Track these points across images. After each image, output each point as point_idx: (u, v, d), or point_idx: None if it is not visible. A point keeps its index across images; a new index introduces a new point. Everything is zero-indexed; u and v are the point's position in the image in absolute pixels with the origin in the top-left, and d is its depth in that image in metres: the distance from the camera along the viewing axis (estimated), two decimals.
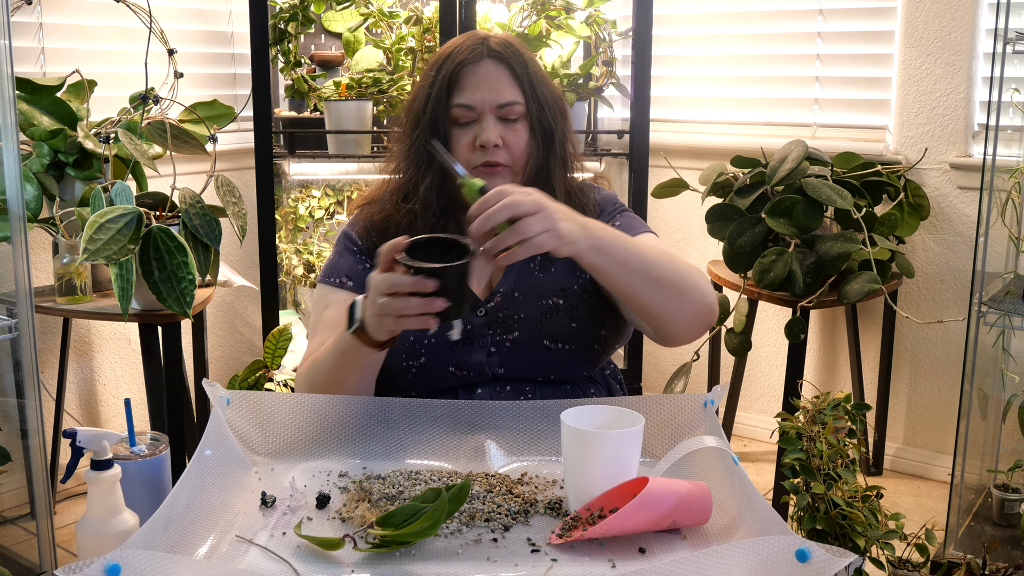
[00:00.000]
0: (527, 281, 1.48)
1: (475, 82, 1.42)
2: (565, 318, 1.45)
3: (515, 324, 1.45)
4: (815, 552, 0.85)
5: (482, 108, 1.42)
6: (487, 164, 1.43)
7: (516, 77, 1.44)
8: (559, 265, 1.49)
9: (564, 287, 1.48)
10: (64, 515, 2.64)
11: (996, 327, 2.28)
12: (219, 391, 1.26)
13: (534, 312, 1.46)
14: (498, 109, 1.43)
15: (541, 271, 1.49)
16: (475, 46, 1.44)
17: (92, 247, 2.04)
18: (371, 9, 2.88)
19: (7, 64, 1.75)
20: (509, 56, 1.44)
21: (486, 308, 1.46)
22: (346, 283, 1.50)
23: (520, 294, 1.47)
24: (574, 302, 1.47)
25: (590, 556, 1.03)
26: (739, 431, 3.28)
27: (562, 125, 1.48)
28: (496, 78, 1.43)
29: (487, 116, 1.42)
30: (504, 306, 1.46)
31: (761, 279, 2.56)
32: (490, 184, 1.38)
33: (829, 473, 1.69)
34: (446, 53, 1.46)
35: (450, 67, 1.43)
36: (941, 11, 2.78)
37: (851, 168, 2.74)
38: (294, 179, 3.07)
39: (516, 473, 1.24)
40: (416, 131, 1.46)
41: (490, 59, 1.43)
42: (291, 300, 3.13)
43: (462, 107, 1.43)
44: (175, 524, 1.02)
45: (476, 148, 1.43)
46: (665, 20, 3.25)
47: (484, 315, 1.45)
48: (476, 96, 1.42)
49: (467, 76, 1.43)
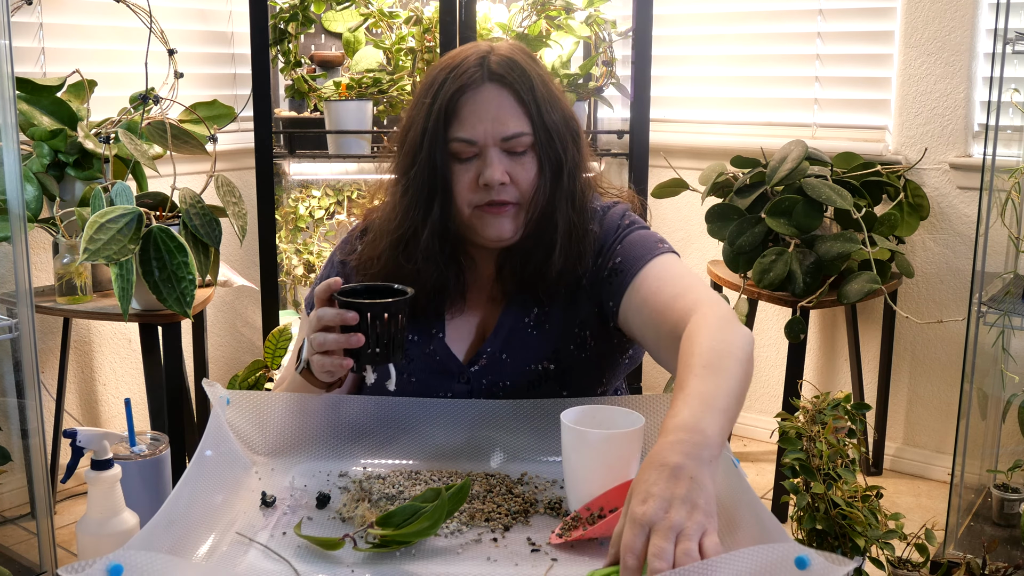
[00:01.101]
0: (518, 341, 1.34)
1: (475, 112, 1.25)
2: (555, 386, 1.33)
3: (499, 392, 1.33)
4: (814, 560, 0.85)
5: (485, 142, 1.25)
6: (492, 204, 1.27)
7: (522, 103, 1.26)
8: (555, 322, 1.34)
9: (558, 348, 1.34)
10: (64, 515, 2.64)
11: (996, 327, 2.28)
12: (219, 391, 1.26)
13: (520, 379, 1.33)
14: (503, 142, 1.26)
15: (536, 329, 1.34)
16: (475, 67, 1.26)
17: (92, 247, 2.04)
18: (371, 9, 2.88)
19: (7, 64, 1.75)
20: (513, 79, 1.26)
21: (469, 374, 1.34)
22: None
23: (508, 356, 1.34)
24: (567, 367, 1.34)
25: (590, 556, 1.03)
26: (739, 431, 3.28)
27: (572, 153, 1.31)
28: (499, 106, 1.25)
29: (490, 150, 1.25)
30: (489, 371, 1.34)
31: (761, 279, 2.56)
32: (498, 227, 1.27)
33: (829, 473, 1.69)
34: (441, 78, 1.27)
35: (447, 95, 1.25)
36: (941, 11, 2.78)
37: (851, 168, 2.74)
38: (294, 179, 3.07)
39: (516, 473, 1.24)
40: (412, 169, 1.29)
41: (491, 83, 1.26)
42: (291, 300, 3.13)
43: (462, 142, 1.26)
44: (176, 524, 1.02)
45: (479, 187, 1.26)
46: (665, 20, 3.25)
47: (466, 383, 1.34)
48: (478, 129, 1.25)
49: (466, 105, 1.25)
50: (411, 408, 1.31)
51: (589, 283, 1.35)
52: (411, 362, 1.37)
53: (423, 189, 1.28)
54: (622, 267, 1.31)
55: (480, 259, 1.38)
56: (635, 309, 1.28)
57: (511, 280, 1.34)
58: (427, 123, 1.27)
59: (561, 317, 1.35)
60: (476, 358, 1.35)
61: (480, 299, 1.39)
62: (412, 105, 1.32)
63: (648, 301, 1.26)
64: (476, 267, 1.38)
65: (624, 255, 1.32)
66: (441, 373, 1.36)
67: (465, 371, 1.35)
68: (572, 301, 1.35)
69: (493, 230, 1.29)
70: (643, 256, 1.31)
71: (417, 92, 1.33)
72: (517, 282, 1.34)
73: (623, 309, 1.30)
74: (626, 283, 1.30)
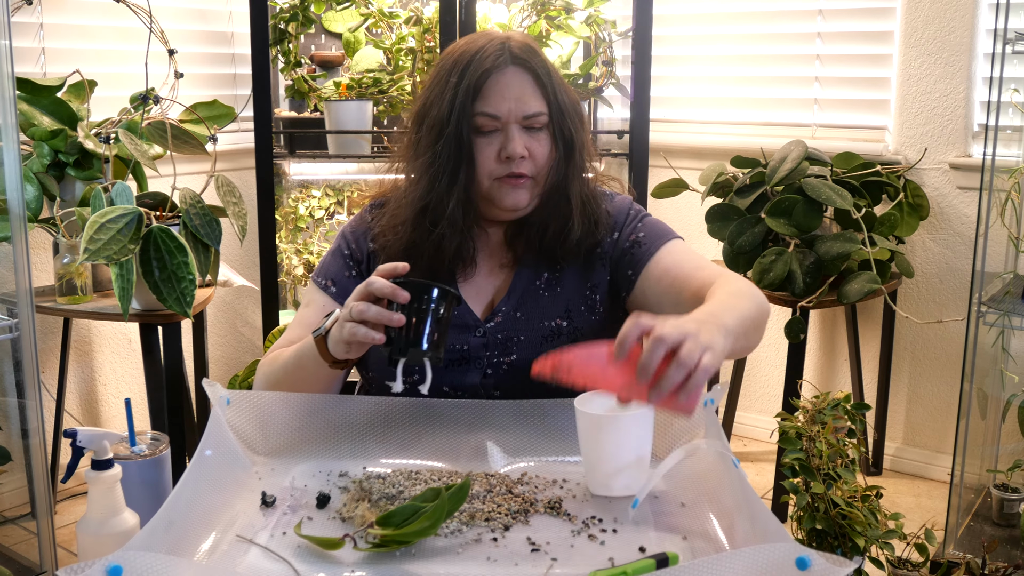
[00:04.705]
0: (531, 301, 1.44)
1: (500, 91, 1.36)
2: (567, 342, 1.41)
3: (513, 347, 1.41)
4: (815, 560, 0.85)
5: (507, 118, 1.37)
6: (512, 175, 1.38)
7: (541, 85, 1.38)
8: (567, 284, 1.46)
9: (570, 308, 1.44)
10: (64, 515, 2.64)
11: (996, 327, 2.28)
12: (219, 391, 1.26)
13: (535, 335, 1.42)
14: (524, 119, 1.37)
15: (547, 291, 1.45)
16: (498, 51, 1.38)
17: (92, 247, 2.04)
18: (371, 9, 2.88)
19: (7, 64, 1.75)
20: (535, 63, 1.39)
21: (485, 328, 1.42)
22: (329, 287, 1.46)
23: (522, 314, 1.43)
24: (579, 324, 1.44)
25: (590, 556, 1.03)
26: (739, 431, 3.28)
27: (580, 132, 1.44)
28: (521, 87, 1.37)
29: (512, 126, 1.37)
30: (504, 327, 1.42)
31: (761, 279, 2.56)
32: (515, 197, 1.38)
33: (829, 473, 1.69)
34: (466, 58, 1.38)
35: (474, 74, 1.36)
36: (941, 11, 2.78)
37: (851, 168, 2.74)
38: (294, 179, 3.07)
39: (516, 473, 1.24)
40: (439, 142, 1.38)
41: (514, 66, 1.37)
42: (291, 300, 3.13)
43: (487, 116, 1.36)
44: (176, 525, 1.02)
45: (502, 159, 1.37)
46: (665, 20, 3.25)
47: (483, 336, 1.42)
48: (502, 106, 1.36)
49: (492, 84, 1.36)
50: (411, 408, 1.31)
51: (608, 252, 1.46)
52: None
53: (450, 160, 1.37)
54: (645, 241, 1.44)
55: (491, 229, 1.48)
56: (656, 277, 1.41)
57: (529, 247, 1.45)
58: (455, 99, 1.36)
59: (572, 280, 1.45)
60: (492, 316, 1.43)
61: (492, 265, 1.48)
62: (430, 86, 1.42)
63: (671, 270, 1.40)
64: (487, 236, 1.48)
65: (646, 232, 1.46)
66: (458, 327, 1.42)
67: (481, 325, 1.42)
68: (585, 266, 1.46)
69: (510, 199, 1.39)
70: (664, 235, 1.46)
71: (435, 74, 1.42)
72: (536, 249, 1.44)
73: (643, 277, 1.43)
74: (649, 253, 1.43)
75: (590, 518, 1.12)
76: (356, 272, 1.47)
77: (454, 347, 1.40)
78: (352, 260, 1.48)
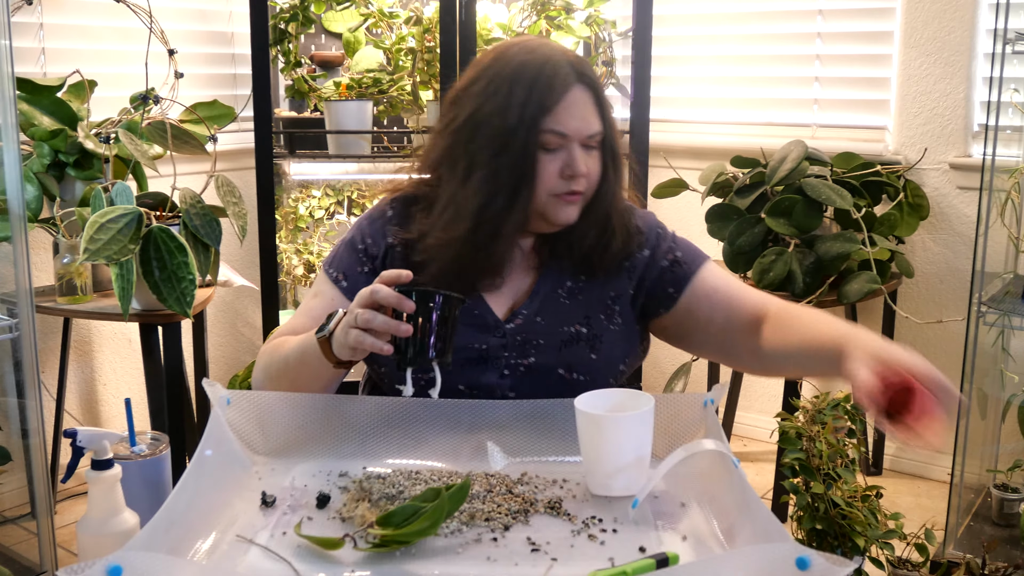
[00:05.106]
0: (552, 306, 1.45)
1: (568, 109, 1.36)
2: (585, 348, 1.42)
3: (532, 349, 1.41)
4: (815, 560, 0.85)
5: (573, 137, 1.36)
6: (570, 192, 1.38)
7: (599, 104, 1.39)
8: (588, 292, 1.46)
9: (589, 315, 1.45)
10: (65, 515, 2.64)
11: (996, 327, 2.28)
12: (219, 391, 1.26)
13: (554, 339, 1.42)
14: (587, 139, 1.38)
15: (569, 298, 1.46)
16: (566, 68, 1.36)
17: (93, 247, 2.04)
18: (371, 9, 2.88)
19: (8, 64, 1.75)
20: (595, 81, 1.39)
21: (505, 329, 1.42)
22: (340, 281, 1.45)
23: (543, 318, 1.44)
24: (598, 332, 1.44)
25: (590, 556, 1.03)
26: (739, 431, 3.28)
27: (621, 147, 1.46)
28: (585, 106, 1.37)
29: (574, 144, 1.37)
30: (524, 329, 1.42)
31: (761, 279, 2.56)
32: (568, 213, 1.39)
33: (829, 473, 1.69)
34: (532, 72, 1.35)
35: (545, 90, 1.35)
36: (941, 11, 2.78)
37: (851, 168, 2.74)
38: (294, 179, 3.07)
39: (516, 473, 1.24)
40: (501, 156, 1.36)
41: (580, 83, 1.37)
42: (291, 300, 3.13)
43: (555, 134, 1.35)
44: (176, 525, 1.02)
45: (564, 177, 1.37)
46: (665, 20, 3.25)
47: (502, 336, 1.42)
48: (570, 124, 1.36)
49: (561, 101, 1.35)
50: (411, 408, 1.31)
51: (639, 267, 1.48)
52: None
53: (511, 176, 1.36)
54: (684, 260, 1.48)
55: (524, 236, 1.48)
56: (705, 295, 1.46)
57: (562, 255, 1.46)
58: (523, 114, 1.34)
59: (594, 288, 1.46)
60: (512, 317, 1.44)
61: (517, 268, 1.48)
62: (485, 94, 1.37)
63: (720, 290, 1.46)
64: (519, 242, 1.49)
65: (683, 251, 1.49)
66: (479, 327, 1.42)
67: (502, 326, 1.42)
68: (611, 277, 1.47)
69: (564, 215, 1.40)
70: (700, 254, 1.50)
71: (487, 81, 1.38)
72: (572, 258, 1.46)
73: (689, 295, 1.46)
74: (691, 272, 1.47)
75: (590, 518, 1.12)
76: (370, 268, 1.45)
77: (473, 346, 1.40)
78: (366, 255, 1.46)
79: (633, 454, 1.17)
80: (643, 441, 1.18)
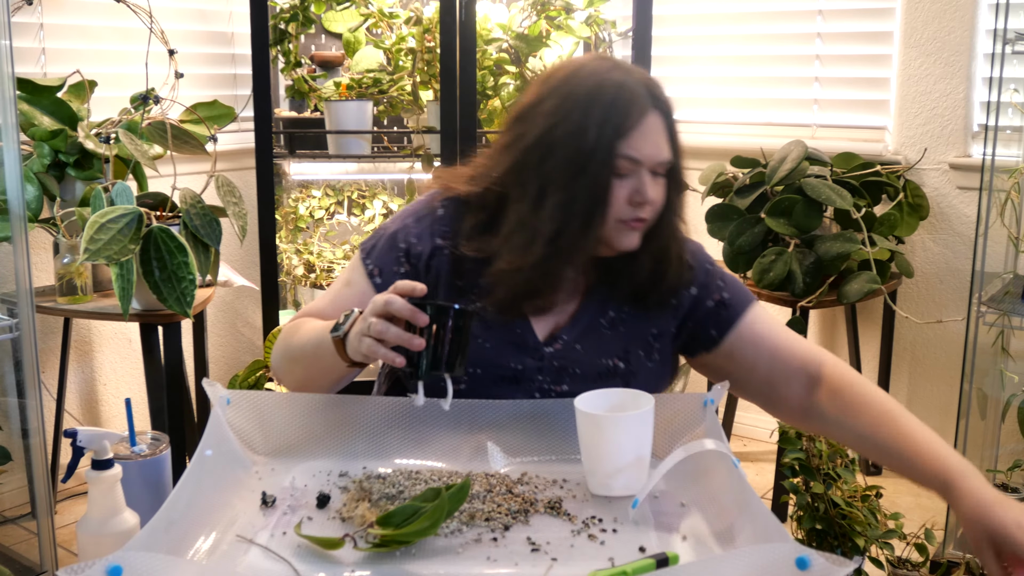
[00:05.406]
0: (593, 334, 1.41)
1: (644, 135, 1.31)
2: (620, 383, 1.38)
3: (567, 377, 1.39)
4: (815, 560, 0.85)
5: (645, 163, 1.32)
6: (635, 219, 1.34)
7: (670, 130, 1.34)
8: (629, 325, 1.42)
9: (629, 350, 1.41)
10: (65, 515, 2.64)
11: (995, 327, 2.28)
12: (219, 391, 1.26)
13: (590, 369, 1.39)
14: (658, 166, 1.33)
15: (610, 328, 1.42)
16: (641, 92, 1.32)
17: (93, 247, 2.04)
18: (371, 9, 2.88)
19: (8, 64, 1.75)
20: (670, 108, 1.35)
21: (543, 352, 1.38)
22: (375, 276, 1.41)
23: (582, 347, 1.40)
24: (635, 368, 1.41)
25: (590, 556, 1.03)
26: (739, 431, 3.28)
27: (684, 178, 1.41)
28: (658, 133, 1.32)
29: (645, 171, 1.32)
30: (562, 355, 1.39)
31: (761, 279, 2.56)
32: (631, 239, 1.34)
33: (829, 473, 1.69)
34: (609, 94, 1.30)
35: (623, 114, 1.30)
36: (941, 11, 2.79)
37: (850, 168, 2.74)
38: (294, 179, 3.07)
39: (516, 473, 1.24)
40: (578, 180, 1.30)
41: (655, 109, 1.32)
42: (291, 300, 3.13)
43: (630, 160, 1.30)
44: (176, 525, 1.02)
45: (633, 203, 1.32)
46: (665, 20, 3.25)
47: (539, 359, 1.38)
48: (644, 150, 1.31)
49: (637, 127, 1.30)
50: (411, 408, 1.31)
51: (684, 305, 1.43)
52: (489, 328, 1.38)
53: (587, 201, 1.31)
54: (731, 302, 1.43)
55: None
56: (750, 342, 1.42)
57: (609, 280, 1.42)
58: (600, 138, 1.29)
59: (636, 322, 1.42)
60: (552, 340, 1.40)
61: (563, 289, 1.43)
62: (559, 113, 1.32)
63: (767, 339, 1.42)
64: None
65: (730, 292, 1.44)
66: (517, 345, 1.39)
67: (541, 349, 1.39)
68: (655, 312, 1.43)
69: (626, 242, 1.35)
70: (746, 296, 1.45)
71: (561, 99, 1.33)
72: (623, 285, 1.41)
73: (733, 339, 1.42)
74: (736, 315, 1.42)
75: (590, 518, 1.12)
76: (407, 268, 1.41)
77: (508, 364, 1.37)
78: (406, 256, 1.41)
79: (633, 454, 1.17)
80: (643, 441, 1.18)
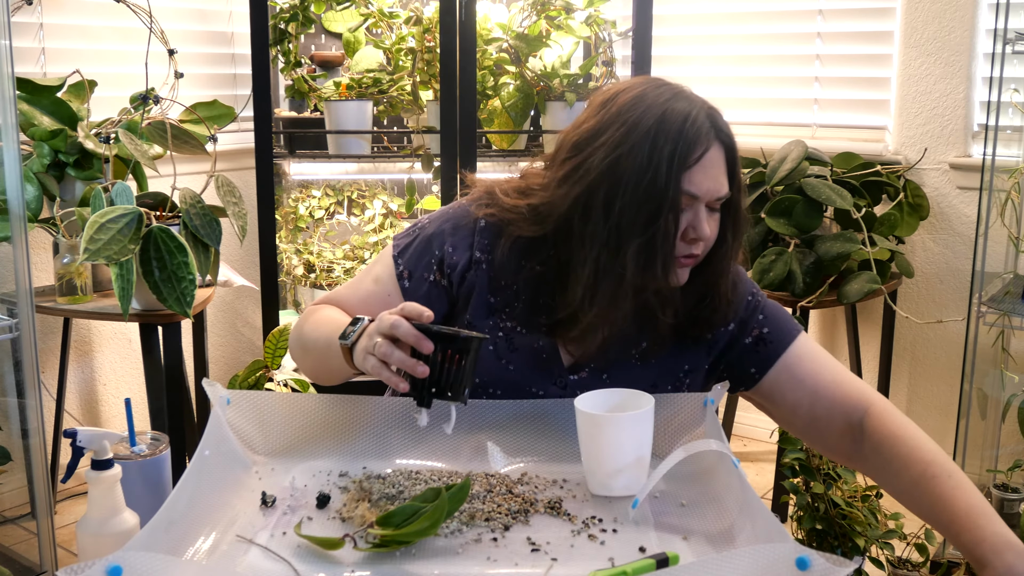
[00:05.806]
0: (621, 367, 1.36)
1: (705, 170, 1.24)
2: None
3: None
4: (815, 560, 0.85)
5: (703, 199, 1.25)
6: (688, 255, 1.27)
7: (730, 163, 1.28)
8: (660, 359, 1.37)
9: (657, 384, 1.36)
10: (64, 515, 2.64)
11: (995, 327, 2.28)
12: (219, 391, 1.26)
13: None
14: (715, 201, 1.27)
15: (640, 359, 1.36)
16: (705, 123, 1.25)
17: (93, 247, 2.04)
18: (371, 9, 2.88)
19: (7, 64, 1.75)
20: (731, 139, 1.28)
21: (568, 381, 1.35)
22: (404, 278, 1.38)
23: (609, 378, 1.36)
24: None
25: (590, 556, 1.03)
26: (739, 431, 3.28)
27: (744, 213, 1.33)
28: (718, 167, 1.26)
29: (701, 206, 1.25)
30: (587, 384, 1.33)
31: (761, 279, 2.56)
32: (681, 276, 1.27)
33: (829, 473, 1.69)
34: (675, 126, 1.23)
35: (687, 148, 1.22)
36: (941, 11, 2.79)
37: (851, 168, 2.74)
38: (294, 179, 3.08)
39: (516, 473, 1.24)
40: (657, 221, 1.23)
41: (717, 141, 1.25)
42: (291, 300, 3.13)
43: (689, 195, 1.24)
44: (176, 525, 1.02)
45: (687, 239, 1.26)
46: (665, 20, 3.25)
47: (563, 388, 1.35)
48: (703, 186, 1.24)
49: (699, 162, 1.24)
50: (411, 408, 1.31)
51: (720, 342, 1.37)
52: (515, 351, 1.35)
53: (664, 241, 1.24)
54: (771, 338, 1.36)
55: None
56: (793, 380, 1.35)
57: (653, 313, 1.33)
58: (669, 172, 1.22)
59: (666, 357, 1.37)
60: (578, 368, 1.36)
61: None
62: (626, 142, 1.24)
63: (811, 378, 1.34)
64: None
65: (771, 327, 1.37)
66: (541, 370, 1.36)
67: (565, 376, 1.36)
68: (689, 348, 1.37)
69: (675, 278, 1.29)
70: (790, 331, 1.37)
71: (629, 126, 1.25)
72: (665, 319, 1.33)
73: (773, 378, 1.36)
74: (777, 353, 1.36)
75: (590, 518, 1.12)
76: (438, 276, 1.36)
77: (530, 389, 1.35)
78: (438, 265, 1.36)
79: (633, 454, 1.17)
80: (643, 441, 1.18)
